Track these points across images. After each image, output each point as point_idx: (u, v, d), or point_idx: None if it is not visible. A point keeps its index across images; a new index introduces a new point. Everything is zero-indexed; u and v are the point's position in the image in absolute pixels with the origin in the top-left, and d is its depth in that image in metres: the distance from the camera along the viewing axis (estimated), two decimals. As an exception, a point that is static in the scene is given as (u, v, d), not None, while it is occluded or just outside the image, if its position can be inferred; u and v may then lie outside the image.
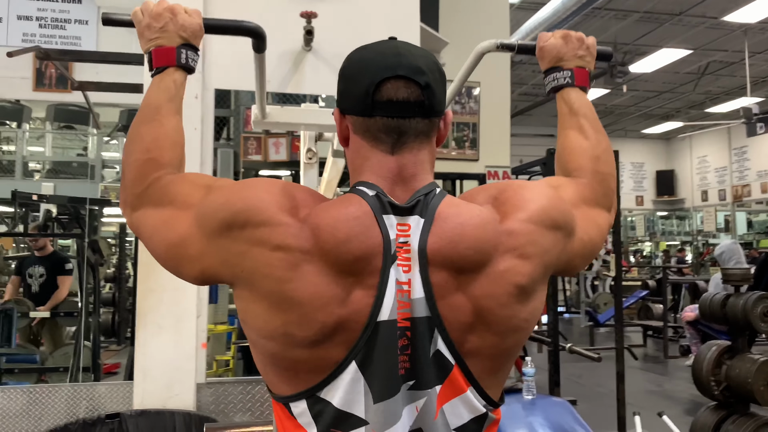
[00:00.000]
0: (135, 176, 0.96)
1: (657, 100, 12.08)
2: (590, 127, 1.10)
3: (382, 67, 0.85)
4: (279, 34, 2.69)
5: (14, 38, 3.87)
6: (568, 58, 1.13)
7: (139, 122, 1.01)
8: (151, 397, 2.34)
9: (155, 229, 0.93)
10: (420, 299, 0.81)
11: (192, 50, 1.06)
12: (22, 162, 8.57)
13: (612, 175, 1.08)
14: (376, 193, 0.84)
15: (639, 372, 7.20)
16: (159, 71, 1.04)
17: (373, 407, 0.80)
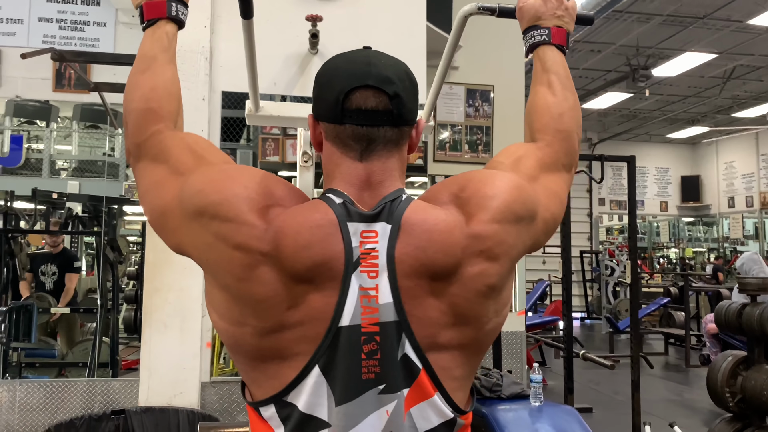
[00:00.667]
0: (135, 125, 1.00)
1: (682, 105, 11.87)
2: (559, 83, 1.11)
3: (352, 77, 0.87)
4: (285, 36, 2.71)
5: (35, 40, 3.96)
6: (546, 18, 1.14)
7: (136, 72, 1.04)
8: (157, 395, 2.37)
9: (149, 188, 0.97)
10: (388, 304, 0.82)
11: (182, 4, 1.08)
12: (50, 160, 8.75)
13: (574, 132, 1.09)
14: (343, 201, 0.86)
15: (659, 381, 7.08)
16: (150, 24, 1.06)
17: (335, 410, 0.82)
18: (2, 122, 5.20)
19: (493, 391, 2.97)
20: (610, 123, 13.40)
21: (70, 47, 3.93)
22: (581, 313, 11.71)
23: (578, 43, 8.95)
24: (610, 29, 8.51)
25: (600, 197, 13.72)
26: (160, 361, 2.34)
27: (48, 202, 5.36)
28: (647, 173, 14.31)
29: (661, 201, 14.43)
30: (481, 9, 1.29)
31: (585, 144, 13.83)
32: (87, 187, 6.97)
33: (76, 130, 8.75)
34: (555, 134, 1.07)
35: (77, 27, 4.00)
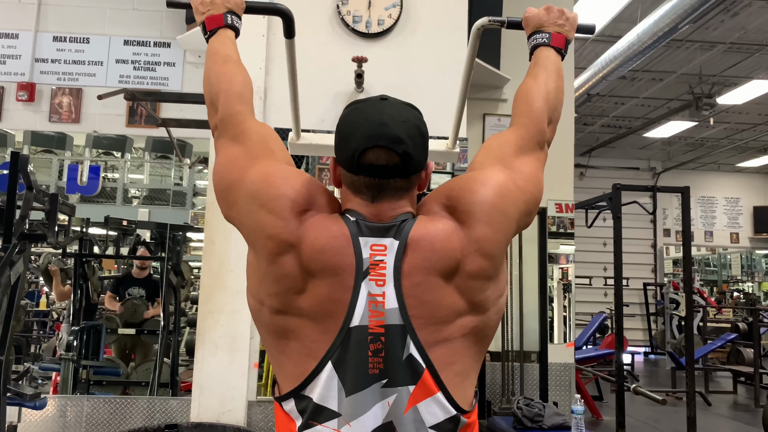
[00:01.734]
0: (224, 103, 1.17)
1: (752, 133, 11.43)
2: (544, 74, 1.24)
3: (366, 137, 1.00)
4: (333, 77, 2.88)
5: (112, 80, 4.32)
6: (548, 25, 1.30)
7: (216, 63, 1.22)
8: (207, 412, 2.52)
9: (223, 162, 1.12)
10: (393, 309, 0.95)
11: (236, 16, 1.29)
12: (123, 189, 9.30)
13: (546, 112, 1.21)
14: (356, 219, 1.00)
15: (725, 420, 6.77)
16: (212, 33, 1.26)
17: (345, 400, 0.94)
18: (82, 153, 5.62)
19: (534, 422, 2.98)
20: (675, 152, 13.03)
21: (142, 86, 4.26)
22: (645, 348, 11.29)
23: (639, 72, 8.83)
24: (671, 57, 8.37)
25: (665, 227, 13.28)
26: (210, 379, 2.49)
27: (119, 229, 5.72)
28: (716, 203, 13.78)
29: (731, 232, 13.82)
30: (491, 21, 1.42)
31: (648, 173, 13.48)
32: (156, 214, 7.39)
33: (148, 160, 9.29)
34: (529, 115, 1.20)
35: (149, 67, 4.33)
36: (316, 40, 2.95)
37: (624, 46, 6.58)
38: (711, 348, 8.38)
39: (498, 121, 4.37)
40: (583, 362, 6.80)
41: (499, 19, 1.42)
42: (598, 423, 6.14)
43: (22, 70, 4.34)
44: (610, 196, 4.28)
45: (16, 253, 2.69)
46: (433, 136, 3.14)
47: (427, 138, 1.06)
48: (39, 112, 4.32)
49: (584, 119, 11.11)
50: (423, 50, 2.93)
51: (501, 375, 3.77)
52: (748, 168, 13.72)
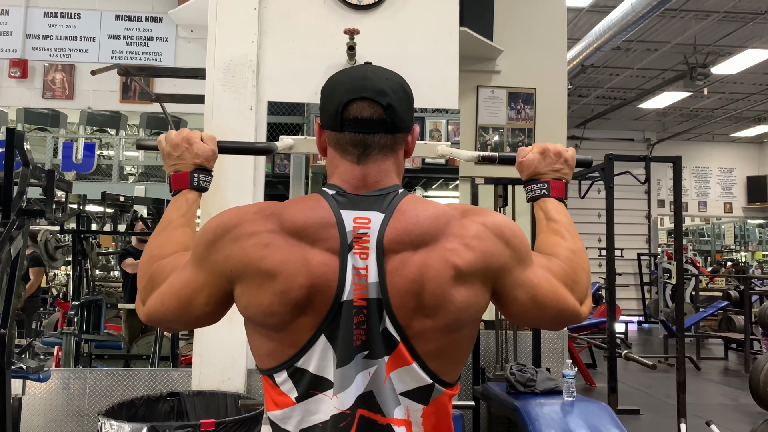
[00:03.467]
0: (141, 276, 1.10)
1: (746, 102, 11.44)
2: (566, 231, 1.17)
3: (350, 90, 0.99)
4: (326, 49, 2.90)
5: (105, 55, 4.31)
6: (545, 172, 1.22)
7: (154, 234, 1.18)
8: (207, 380, 2.58)
9: (163, 298, 1.04)
10: (374, 283, 0.94)
11: (204, 173, 1.22)
12: (119, 166, 9.30)
13: (585, 272, 1.12)
14: (336, 192, 0.99)
15: (715, 386, 6.92)
16: (176, 193, 1.21)
17: (336, 371, 0.95)
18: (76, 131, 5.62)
19: (527, 386, 3.06)
20: (669, 123, 13.04)
21: (135, 61, 4.25)
22: (639, 317, 11.45)
23: (633, 43, 8.81)
24: (666, 27, 8.34)
25: (659, 198, 13.36)
26: (210, 349, 2.55)
27: (116, 205, 5.76)
28: (710, 174, 13.84)
29: (725, 202, 13.91)
30: (481, 159, 1.39)
31: (643, 144, 13.50)
32: (152, 191, 7.43)
33: (143, 137, 9.28)
34: (566, 261, 1.11)
35: (142, 42, 4.32)
36: (308, 13, 2.96)
37: (618, 16, 6.57)
38: (703, 315, 8.52)
39: (492, 93, 4.38)
40: (576, 331, 6.91)
41: (490, 155, 1.38)
42: (592, 389, 6.27)
43: (13, 46, 4.33)
44: (602, 167, 4.31)
45: (15, 229, 2.72)
46: (426, 107, 3.17)
47: (412, 98, 1.05)
48: (32, 89, 4.32)
49: (578, 91, 11.09)
50: (414, 22, 2.94)
51: (495, 342, 3.85)
52: (742, 138, 13.76)
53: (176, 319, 1.04)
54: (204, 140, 1.24)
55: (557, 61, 4.41)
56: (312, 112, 7.12)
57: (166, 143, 1.23)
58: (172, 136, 1.23)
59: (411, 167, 3.63)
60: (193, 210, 1.21)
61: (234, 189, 2.76)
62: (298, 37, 2.88)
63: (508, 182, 4.15)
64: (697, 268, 10.42)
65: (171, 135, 1.24)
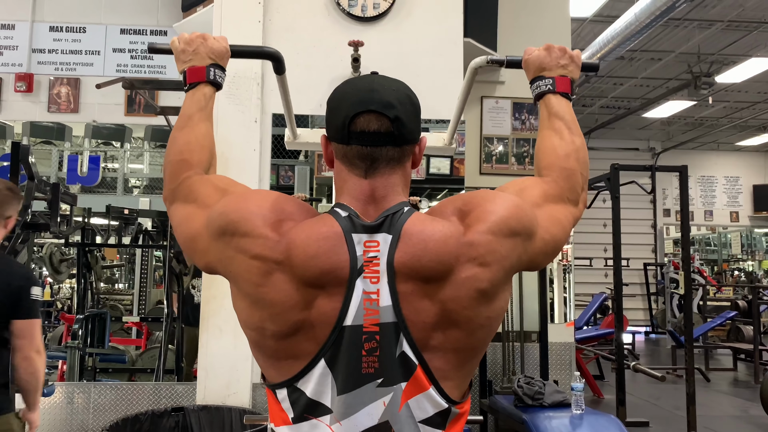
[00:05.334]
0: (170, 174, 1.15)
1: (751, 111, 11.41)
2: (565, 127, 1.18)
3: (356, 102, 0.97)
4: (330, 61, 2.89)
5: (110, 69, 4.32)
6: (551, 68, 1.22)
7: (176, 129, 1.20)
8: (212, 394, 2.56)
9: (180, 222, 1.11)
10: (387, 306, 0.92)
11: (219, 69, 1.24)
12: (123, 179, 9.33)
13: (580, 172, 1.16)
14: (348, 215, 0.97)
15: (725, 397, 6.84)
16: (192, 87, 1.22)
17: (336, 398, 0.92)
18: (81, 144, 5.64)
19: (535, 399, 3.03)
20: (674, 132, 13.01)
21: (140, 74, 4.27)
22: (646, 327, 11.36)
23: (637, 52, 8.81)
24: (669, 36, 8.34)
25: (665, 207, 13.31)
26: (215, 363, 2.53)
27: (120, 218, 5.76)
28: (716, 183, 13.78)
29: (731, 211, 13.85)
30: (490, 62, 1.38)
31: (648, 153, 13.47)
32: (156, 203, 7.43)
33: (148, 149, 9.31)
34: (560, 172, 1.14)
35: (147, 56, 4.34)
36: (312, 25, 2.96)
37: (622, 25, 6.56)
38: (711, 326, 8.45)
39: (496, 103, 4.38)
40: (583, 342, 6.86)
41: (498, 59, 1.37)
42: (600, 401, 6.21)
43: (19, 60, 4.35)
44: (608, 177, 4.30)
45: (20, 243, 2.72)
46: (431, 118, 3.16)
47: (419, 110, 1.03)
48: (38, 103, 4.33)
49: (583, 100, 11.09)
50: (418, 33, 2.94)
51: (502, 355, 3.82)
52: (747, 147, 13.71)
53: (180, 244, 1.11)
54: (216, 39, 1.25)
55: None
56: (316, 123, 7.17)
57: (180, 41, 1.24)
58: (185, 35, 1.24)
59: (416, 178, 3.61)
60: (211, 105, 1.23)
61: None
62: (302, 50, 2.88)
63: (513, 193, 4.13)
64: (705, 277, 10.35)
65: (184, 34, 1.25)
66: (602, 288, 10.52)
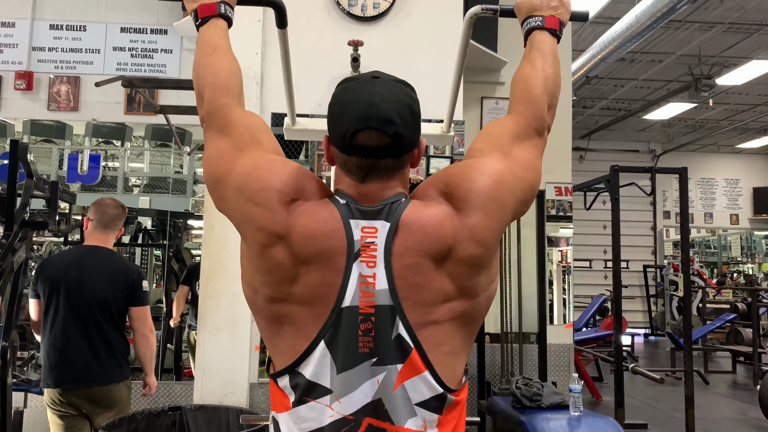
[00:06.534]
0: (210, 96, 1.18)
1: (752, 113, 11.41)
2: (540, 58, 1.22)
3: (357, 118, 1.00)
4: (330, 60, 2.88)
5: (110, 67, 4.32)
6: (541, 9, 1.27)
7: (204, 54, 1.22)
8: (210, 394, 2.56)
9: (211, 156, 1.14)
10: (384, 290, 0.97)
11: (228, 5, 1.28)
12: (124, 177, 9.32)
13: (545, 98, 1.20)
14: (346, 202, 1.02)
15: (724, 399, 6.84)
16: (204, 21, 1.25)
17: (336, 377, 0.97)
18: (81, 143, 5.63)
19: (533, 401, 3.02)
20: (674, 134, 13.01)
21: (140, 73, 4.26)
22: (645, 329, 11.35)
23: (637, 54, 8.81)
24: (670, 38, 8.34)
25: (665, 210, 13.30)
26: (213, 362, 2.53)
27: (121, 213, 5.74)
28: (716, 185, 13.78)
29: (731, 214, 13.84)
30: (484, 9, 1.42)
31: (648, 155, 13.47)
32: (156, 202, 7.42)
33: (148, 148, 9.30)
34: (526, 103, 1.19)
35: (147, 54, 4.33)
36: (311, 25, 2.95)
37: (622, 27, 6.57)
38: (710, 328, 8.45)
39: (496, 104, 4.37)
40: (582, 344, 6.86)
41: (492, 7, 1.41)
42: (598, 403, 6.20)
43: (19, 58, 4.34)
44: (608, 178, 4.30)
45: (18, 241, 2.71)
46: (431, 119, 3.16)
47: (419, 117, 1.06)
48: (37, 101, 4.33)
49: (583, 102, 11.09)
50: (419, 32, 2.93)
51: (500, 356, 3.81)
52: (747, 149, 13.71)
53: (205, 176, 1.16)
54: None
55: (562, 72, 4.38)
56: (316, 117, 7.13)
57: None
58: None
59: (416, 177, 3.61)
60: (228, 38, 1.27)
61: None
62: (302, 49, 2.87)
63: (513, 194, 4.13)
64: (704, 280, 10.35)
65: None
66: (601, 290, 10.51)
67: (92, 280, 2.66)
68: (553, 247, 4.56)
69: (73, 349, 2.60)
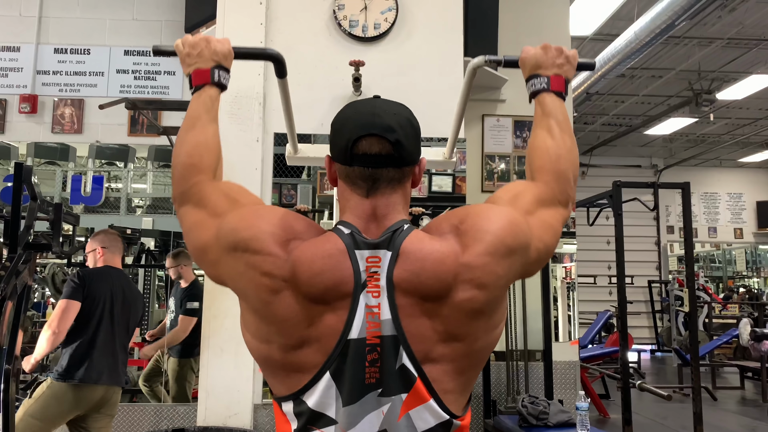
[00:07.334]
0: (180, 176, 1.17)
1: (753, 128, 11.42)
2: (557, 127, 1.22)
3: (358, 126, 1.01)
4: (331, 81, 2.91)
5: (113, 90, 4.36)
6: (547, 66, 1.26)
7: (183, 130, 1.22)
8: (213, 415, 2.54)
9: (191, 228, 1.13)
10: (388, 320, 0.95)
11: (224, 70, 1.27)
12: (127, 199, 9.35)
13: (570, 173, 1.20)
14: (350, 232, 1.00)
15: (732, 416, 6.76)
16: (198, 89, 1.25)
17: (342, 410, 0.95)
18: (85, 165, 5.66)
19: (539, 419, 2.99)
20: (676, 149, 13.02)
21: (143, 95, 4.30)
22: (651, 345, 11.27)
23: (637, 70, 8.85)
24: (670, 54, 8.38)
25: (668, 225, 13.27)
26: (216, 383, 2.51)
27: (123, 237, 5.75)
28: (719, 199, 13.77)
29: (735, 228, 13.81)
30: (488, 61, 1.42)
31: (650, 171, 13.47)
32: (159, 223, 7.44)
33: (151, 169, 9.36)
34: (552, 174, 1.18)
35: (150, 77, 4.37)
36: (313, 45, 2.98)
37: (622, 44, 6.61)
38: (717, 344, 8.38)
39: (497, 121, 4.39)
40: (588, 360, 6.80)
41: (496, 58, 1.41)
42: (605, 421, 6.14)
43: (24, 82, 4.38)
44: (610, 194, 4.30)
45: (22, 263, 2.71)
46: (432, 137, 3.17)
47: (419, 132, 1.07)
48: (42, 124, 4.36)
49: (584, 118, 11.12)
50: (419, 53, 2.96)
51: (506, 374, 3.78)
52: (750, 163, 13.71)
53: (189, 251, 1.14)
54: (220, 41, 1.28)
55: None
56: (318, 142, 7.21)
57: (184, 45, 1.27)
58: (189, 37, 1.27)
59: (418, 196, 3.61)
60: (216, 107, 1.25)
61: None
62: (303, 69, 2.90)
63: (515, 210, 4.13)
64: (710, 294, 10.28)
65: (188, 37, 1.27)
66: (606, 306, 10.45)
67: (130, 298, 3.26)
68: (557, 264, 4.54)
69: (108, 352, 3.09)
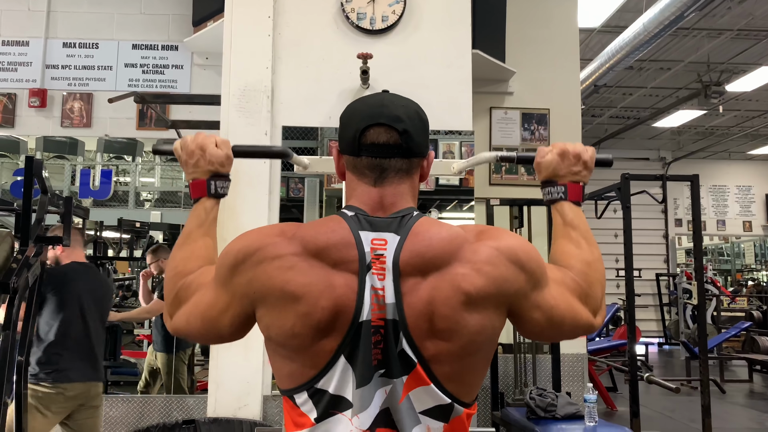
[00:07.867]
0: (167, 291, 1.13)
1: (763, 120, 11.33)
2: (582, 237, 1.16)
3: (367, 116, 1.02)
4: (340, 74, 2.91)
5: (122, 84, 4.38)
6: (563, 174, 1.20)
7: (176, 246, 1.19)
8: (223, 407, 2.56)
9: (188, 317, 1.07)
10: (392, 304, 0.95)
11: (221, 179, 1.22)
12: (135, 192, 9.41)
13: (600, 284, 1.12)
14: (355, 214, 1.01)
15: (742, 409, 6.75)
16: (196, 200, 1.23)
17: (356, 392, 0.95)
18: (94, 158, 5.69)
19: (547, 411, 3.00)
20: (684, 141, 12.94)
21: (151, 89, 4.31)
22: (659, 338, 11.24)
23: (646, 62, 8.79)
24: (678, 46, 8.32)
25: (677, 217, 13.21)
26: (226, 375, 2.53)
27: (132, 231, 5.79)
28: (728, 192, 13.68)
29: (744, 221, 13.72)
30: (500, 159, 1.37)
31: (658, 163, 13.40)
32: (168, 216, 7.49)
33: (159, 163, 9.39)
34: (582, 276, 1.11)
35: (158, 70, 4.39)
36: (321, 39, 2.98)
37: (630, 36, 6.56)
38: (725, 337, 8.36)
39: (505, 114, 4.38)
40: (596, 353, 6.80)
41: (509, 155, 1.36)
42: (613, 413, 6.15)
43: (33, 76, 4.41)
44: (618, 186, 4.27)
45: (33, 256, 2.73)
46: (440, 130, 3.17)
47: (427, 124, 1.07)
48: (51, 118, 4.39)
49: (592, 111, 11.06)
50: (427, 45, 2.96)
51: (513, 366, 3.79)
52: (759, 155, 13.61)
53: (201, 337, 1.08)
54: (218, 145, 1.23)
55: (570, 81, 4.41)
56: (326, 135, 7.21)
57: (182, 151, 1.24)
58: (188, 142, 1.24)
59: (425, 189, 3.62)
60: (212, 217, 1.22)
61: (249, 213, 2.77)
62: (311, 63, 2.90)
63: (523, 203, 4.13)
64: (718, 288, 10.25)
65: (186, 141, 1.24)
66: (614, 299, 10.43)
67: (102, 292, 3.09)
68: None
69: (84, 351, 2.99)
